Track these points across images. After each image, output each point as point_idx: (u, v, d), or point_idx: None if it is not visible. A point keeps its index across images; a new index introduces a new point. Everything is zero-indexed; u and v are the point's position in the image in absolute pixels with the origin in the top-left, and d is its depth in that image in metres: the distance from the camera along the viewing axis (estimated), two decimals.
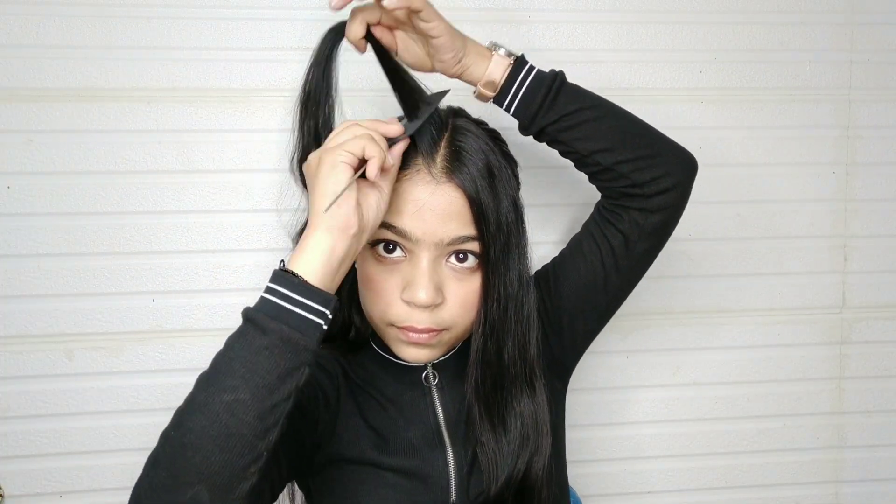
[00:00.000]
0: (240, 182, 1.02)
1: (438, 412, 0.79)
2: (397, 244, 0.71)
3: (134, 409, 1.03)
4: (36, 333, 1.01)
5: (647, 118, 1.15)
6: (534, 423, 0.76)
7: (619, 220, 0.78)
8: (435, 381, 0.80)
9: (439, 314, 0.72)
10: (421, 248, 0.70)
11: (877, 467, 1.19)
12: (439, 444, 0.77)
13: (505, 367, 0.75)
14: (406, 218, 0.69)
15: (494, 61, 0.75)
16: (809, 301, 1.14)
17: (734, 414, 1.14)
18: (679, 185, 0.77)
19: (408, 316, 0.71)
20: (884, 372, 1.17)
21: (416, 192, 0.70)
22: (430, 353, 0.74)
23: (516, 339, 0.75)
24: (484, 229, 0.70)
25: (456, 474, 0.76)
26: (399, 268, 0.72)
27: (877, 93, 1.13)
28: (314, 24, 1.02)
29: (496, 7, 1.04)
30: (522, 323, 0.75)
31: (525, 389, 0.77)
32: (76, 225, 1.00)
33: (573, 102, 0.76)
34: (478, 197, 0.70)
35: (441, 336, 0.73)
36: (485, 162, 0.71)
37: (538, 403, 0.77)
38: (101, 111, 0.99)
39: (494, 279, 0.72)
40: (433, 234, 0.70)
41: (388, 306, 0.72)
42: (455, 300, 0.72)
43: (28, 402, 1.01)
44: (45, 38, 0.98)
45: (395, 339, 0.74)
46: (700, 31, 1.09)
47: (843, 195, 1.13)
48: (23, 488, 1.02)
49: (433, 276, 0.70)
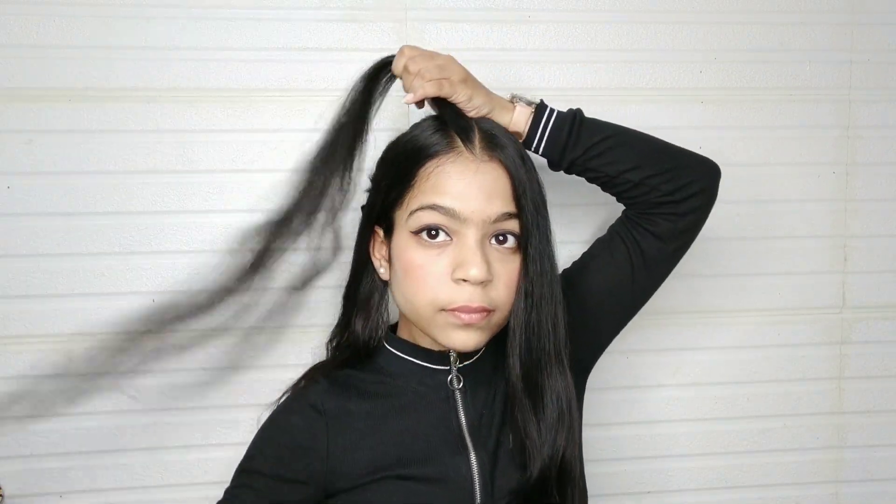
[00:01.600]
0: (240, 182, 1.02)
1: (461, 416, 0.79)
2: (440, 228, 0.73)
3: (134, 409, 1.02)
4: (36, 333, 1.01)
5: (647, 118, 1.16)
6: (567, 401, 0.78)
7: (651, 223, 0.82)
8: (459, 384, 0.80)
9: (489, 293, 0.74)
10: (468, 226, 0.73)
11: (877, 467, 1.19)
12: (462, 449, 0.78)
13: (542, 346, 0.77)
14: (453, 197, 0.72)
15: (517, 112, 0.82)
16: (809, 301, 1.15)
17: (734, 414, 1.14)
18: (705, 189, 0.82)
19: (460, 295, 0.73)
20: (884, 372, 1.17)
21: (461, 172, 0.73)
22: (479, 336, 0.75)
23: (550, 317, 0.77)
24: (525, 207, 0.74)
25: (479, 477, 0.77)
26: (446, 251, 0.74)
27: (877, 93, 1.13)
28: (314, 24, 1.02)
29: (496, 7, 1.05)
30: (555, 300, 0.77)
31: (558, 367, 0.78)
32: (76, 225, 1.00)
33: (596, 134, 0.81)
34: (518, 174, 0.74)
35: (490, 317, 0.75)
36: (515, 144, 0.77)
37: (568, 382, 0.78)
38: (101, 111, 0.99)
39: (534, 257, 0.75)
40: (481, 212, 0.73)
41: (437, 290, 0.73)
42: (501, 280, 0.74)
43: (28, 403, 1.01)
44: (45, 38, 0.98)
45: (444, 326, 0.75)
46: (700, 31, 1.09)
47: (843, 195, 1.13)
48: (23, 488, 1.02)
49: (483, 252, 0.73)
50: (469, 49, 1.04)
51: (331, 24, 1.02)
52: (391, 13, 1.03)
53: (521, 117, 0.82)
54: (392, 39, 1.03)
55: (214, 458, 1.05)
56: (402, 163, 0.76)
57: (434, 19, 1.04)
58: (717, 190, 0.84)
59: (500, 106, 0.81)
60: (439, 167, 0.73)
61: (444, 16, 1.04)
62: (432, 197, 0.73)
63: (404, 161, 0.76)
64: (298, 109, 1.02)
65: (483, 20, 1.04)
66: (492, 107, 0.80)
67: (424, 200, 0.73)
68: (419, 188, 0.74)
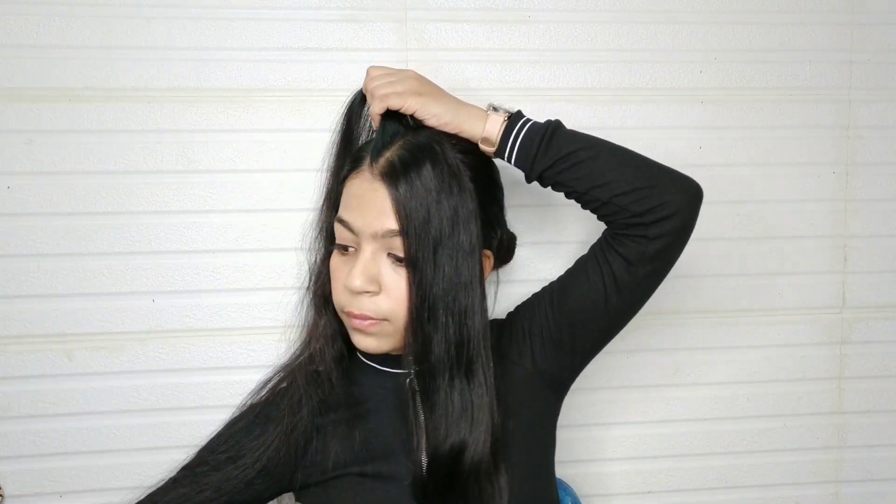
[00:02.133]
0: (240, 182, 1.02)
1: (420, 415, 0.80)
2: (346, 244, 0.80)
3: (134, 409, 1.03)
4: (36, 333, 1.01)
5: (647, 118, 1.16)
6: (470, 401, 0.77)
7: (621, 245, 0.79)
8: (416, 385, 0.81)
9: (376, 303, 0.77)
10: (362, 240, 0.78)
11: (877, 467, 1.19)
12: (418, 448, 0.79)
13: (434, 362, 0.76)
14: (349, 211, 0.79)
15: (490, 120, 0.81)
16: (809, 301, 1.15)
17: (734, 414, 1.14)
18: (678, 213, 0.77)
19: (349, 302, 0.78)
20: (884, 372, 1.17)
21: (358, 188, 0.78)
22: (376, 342, 0.80)
23: (445, 335, 0.76)
24: (408, 227, 0.75)
25: None
26: (349, 260, 0.80)
27: (877, 93, 1.13)
28: (314, 24, 1.02)
29: (496, 7, 1.05)
30: (455, 318, 0.76)
31: (460, 378, 0.77)
32: (76, 225, 1.00)
33: (567, 146, 0.79)
34: (402, 197, 0.75)
35: (383, 326, 0.78)
36: (428, 168, 0.76)
37: (477, 384, 0.78)
38: (101, 111, 0.99)
39: (417, 276, 0.75)
40: (369, 227, 0.77)
41: (338, 294, 0.80)
42: (389, 291, 0.77)
43: (28, 402, 1.01)
44: (45, 38, 0.98)
45: (350, 329, 0.81)
46: (700, 31, 1.09)
47: (843, 195, 1.13)
48: (23, 488, 1.02)
49: (369, 265, 0.77)
50: (469, 49, 1.04)
51: (331, 24, 1.02)
52: (391, 13, 1.03)
53: (494, 126, 0.81)
54: (392, 39, 1.03)
55: None
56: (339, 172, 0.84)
57: (434, 19, 1.04)
58: (694, 215, 0.80)
59: (470, 116, 0.81)
60: (348, 181, 0.80)
61: (444, 16, 1.04)
62: (341, 209, 0.80)
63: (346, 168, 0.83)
64: (298, 109, 1.02)
65: (483, 20, 1.04)
66: (457, 117, 0.81)
67: (339, 212, 0.80)
68: (342, 198, 0.81)
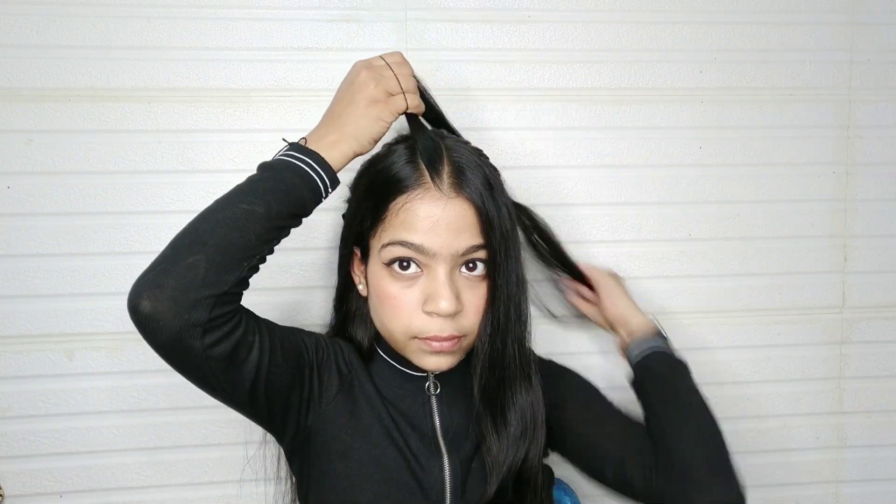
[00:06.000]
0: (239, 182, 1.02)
1: (436, 420, 0.81)
2: (412, 260, 0.75)
3: (134, 409, 1.03)
4: (36, 333, 1.01)
5: (647, 118, 1.15)
6: (532, 416, 0.81)
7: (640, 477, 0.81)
8: (436, 390, 0.82)
9: (460, 321, 0.76)
10: (437, 261, 0.75)
11: (877, 467, 1.19)
12: (435, 452, 0.80)
13: (507, 366, 0.79)
14: (422, 234, 0.74)
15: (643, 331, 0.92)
16: (809, 301, 1.14)
17: (734, 414, 1.14)
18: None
19: (431, 326, 0.75)
20: (884, 372, 1.17)
21: (429, 209, 0.74)
22: (451, 359, 0.78)
23: (516, 337, 0.79)
24: (492, 237, 0.75)
25: (451, 482, 0.78)
26: (417, 283, 0.76)
27: (877, 93, 1.13)
28: (314, 24, 1.02)
29: (496, 7, 1.05)
30: (521, 321, 0.80)
31: (524, 384, 0.81)
32: (76, 225, 1.00)
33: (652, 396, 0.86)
34: (485, 208, 0.75)
35: (461, 342, 0.77)
36: (483, 174, 0.77)
37: (535, 396, 0.81)
38: (101, 111, 0.99)
39: (501, 283, 0.77)
40: (449, 247, 0.74)
41: (410, 320, 0.76)
42: (471, 307, 0.77)
43: (28, 402, 1.01)
44: (45, 38, 0.98)
45: (417, 351, 0.77)
46: (700, 31, 1.09)
47: (843, 195, 1.13)
48: (23, 488, 1.02)
49: (452, 286, 0.75)
50: (469, 49, 1.04)
51: (331, 24, 1.02)
52: (391, 13, 1.03)
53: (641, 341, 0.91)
54: (392, 39, 1.03)
55: (214, 458, 1.05)
56: (373, 195, 0.78)
57: (434, 19, 1.04)
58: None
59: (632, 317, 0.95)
60: (408, 204, 0.75)
61: (444, 16, 1.04)
62: (402, 233, 0.74)
63: (375, 193, 0.78)
64: (298, 109, 1.02)
65: (483, 20, 1.04)
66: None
67: (395, 236, 0.75)
68: (390, 223, 0.76)
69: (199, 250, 0.65)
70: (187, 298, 0.63)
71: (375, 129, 0.75)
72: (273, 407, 0.76)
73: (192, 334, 0.64)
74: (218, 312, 0.65)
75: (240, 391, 0.71)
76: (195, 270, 0.64)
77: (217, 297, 0.65)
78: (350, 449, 0.78)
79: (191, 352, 0.65)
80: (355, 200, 0.82)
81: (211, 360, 0.66)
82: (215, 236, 0.66)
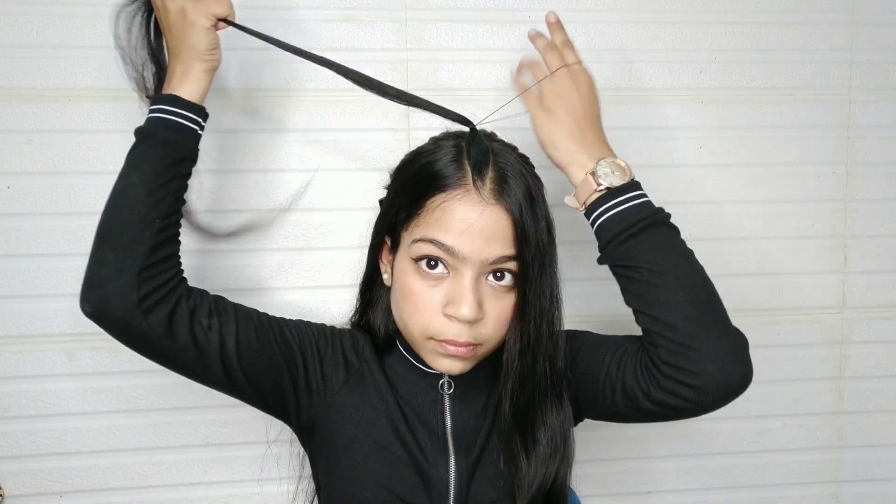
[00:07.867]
0: (239, 182, 1.02)
1: (447, 420, 0.81)
2: (440, 260, 0.74)
3: (134, 409, 1.03)
4: (36, 333, 1.01)
5: (647, 118, 1.15)
6: (562, 434, 0.79)
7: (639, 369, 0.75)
8: (450, 389, 0.82)
9: (478, 329, 0.74)
10: (466, 265, 0.73)
11: (877, 467, 1.19)
12: (443, 451, 0.79)
13: (537, 383, 0.78)
14: (454, 236, 0.72)
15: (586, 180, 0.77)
16: (809, 301, 1.15)
17: (734, 414, 1.14)
18: (704, 392, 0.72)
19: (448, 329, 0.74)
20: (884, 372, 1.17)
21: (465, 212, 0.72)
22: (464, 365, 0.77)
23: (547, 354, 0.77)
24: (525, 250, 0.73)
25: (455, 482, 0.78)
26: (442, 284, 0.74)
27: (877, 93, 1.13)
28: (314, 24, 1.02)
29: (496, 7, 1.05)
30: (553, 338, 0.78)
31: (554, 402, 0.79)
32: (76, 225, 1.00)
33: (638, 257, 0.74)
34: (522, 220, 0.73)
35: (476, 350, 0.76)
36: (526, 185, 0.75)
37: (565, 415, 0.80)
38: (101, 111, 0.99)
39: (531, 297, 0.75)
40: (479, 253, 0.72)
41: (429, 320, 0.75)
42: (492, 316, 0.75)
43: (28, 402, 1.01)
44: (45, 38, 0.98)
45: (431, 352, 0.76)
46: (700, 31, 1.09)
47: (843, 195, 1.13)
48: (23, 488, 1.02)
49: (476, 293, 0.73)
50: (469, 49, 1.04)
51: (331, 24, 1.02)
52: (391, 13, 1.03)
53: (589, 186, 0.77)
54: (392, 39, 1.03)
55: (214, 459, 1.05)
56: (413, 187, 0.76)
57: (434, 19, 1.04)
58: (718, 404, 0.74)
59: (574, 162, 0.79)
60: (446, 202, 0.73)
61: (444, 16, 1.04)
62: (434, 231, 0.73)
63: (415, 186, 0.76)
64: (299, 109, 1.02)
65: (483, 20, 1.04)
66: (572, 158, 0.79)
67: (427, 233, 0.74)
68: (424, 219, 0.74)
69: (103, 242, 0.71)
70: (113, 288, 0.69)
71: (202, 38, 0.77)
72: (262, 392, 0.78)
73: (135, 317, 0.69)
74: (148, 288, 0.70)
75: (213, 374, 0.75)
76: (107, 262, 0.70)
77: (136, 274, 0.69)
78: (355, 441, 0.78)
79: (146, 335, 0.71)
80: (393, 190, 0.81)
81: (166, 339, 0.71)
82: (109, 222, 0.72)
